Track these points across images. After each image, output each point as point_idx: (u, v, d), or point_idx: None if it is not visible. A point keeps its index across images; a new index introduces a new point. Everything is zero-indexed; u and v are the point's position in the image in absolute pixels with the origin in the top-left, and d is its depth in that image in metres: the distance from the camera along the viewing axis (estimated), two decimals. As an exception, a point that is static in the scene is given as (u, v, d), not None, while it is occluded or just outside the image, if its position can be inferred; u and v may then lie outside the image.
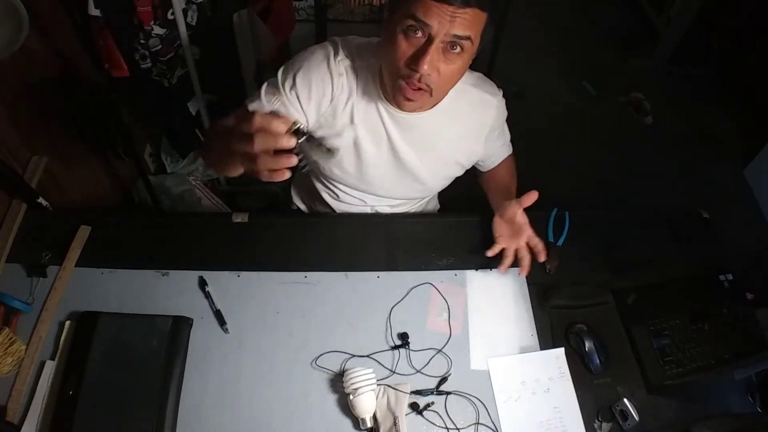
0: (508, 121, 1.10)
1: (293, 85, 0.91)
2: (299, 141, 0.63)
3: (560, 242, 1.14)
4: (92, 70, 1.53)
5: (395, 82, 0.84)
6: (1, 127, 1.15)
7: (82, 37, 1.47)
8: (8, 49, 1.07)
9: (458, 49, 0.79)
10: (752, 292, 1.08)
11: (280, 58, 2.07)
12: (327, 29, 2.17)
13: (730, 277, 1.09)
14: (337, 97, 0.94)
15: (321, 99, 0.93)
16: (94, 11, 1.35)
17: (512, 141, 1.17)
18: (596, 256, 1.13)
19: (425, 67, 0.77)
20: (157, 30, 1.48)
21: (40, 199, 1.14)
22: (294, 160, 0.62)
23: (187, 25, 1.53)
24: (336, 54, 0.94)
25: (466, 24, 0.75)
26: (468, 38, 0.77)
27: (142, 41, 1.48)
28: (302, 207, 1.31)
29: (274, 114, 0.62)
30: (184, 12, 1.50)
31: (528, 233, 1.02)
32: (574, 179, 2.34)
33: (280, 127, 0.60)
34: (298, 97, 0.91)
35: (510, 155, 1.19)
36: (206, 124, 1.84)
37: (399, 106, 0.91)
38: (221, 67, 1.73)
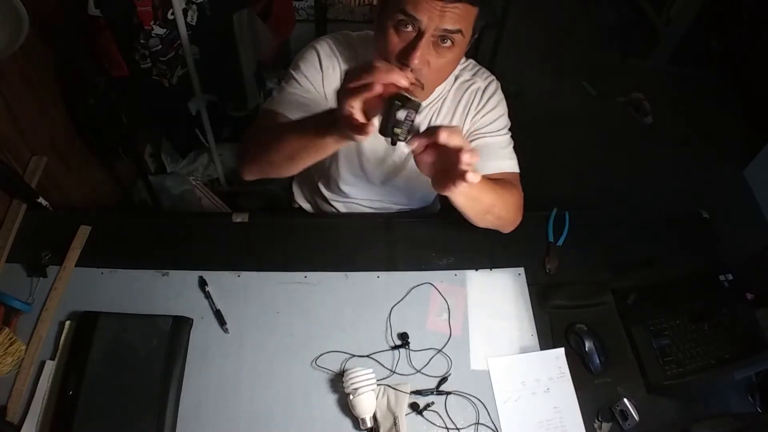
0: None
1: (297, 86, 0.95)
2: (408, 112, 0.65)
3: (560, 242, 1.14)
4: (92, 70, 1.53)
5: None
6: (1, 127, 1.15)
7: (82, 37, 1.47)
8: (8, 49, 1.07)
9: (449, 42, 0.78)
10: (752, 292, 1.08)
11: (280, 58, 2.07)
12: (327, 29, 2.17)
13: (730, 277, 1.09)
14: (332, 92, 0.96)
15: (318, 94, 0.96)
16: (94, 11, 1.35)
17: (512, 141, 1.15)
18: (596, 256, 1.13)
19: (416, 61, 0.77)
20: (157, 30, 1.48)
21: (40, 199, 1.14)
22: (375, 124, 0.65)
23: (187, 25, 1.53)
24: (332, 48, 0.96)
25: (456, 18, 0.75)
26: (459, 32, 0.77)
27: (142, 41, 1.48)
28: (305, 205, 1.31)
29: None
30: (184, 12, 1.50)
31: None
32: (574, 179, 2.34)
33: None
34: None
35: (515, 176, 1.02)
36: (206, 124, 1.84)
37: None
38: (221, 67, 1.74)
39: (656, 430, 0.92)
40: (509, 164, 1.01)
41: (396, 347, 0.97)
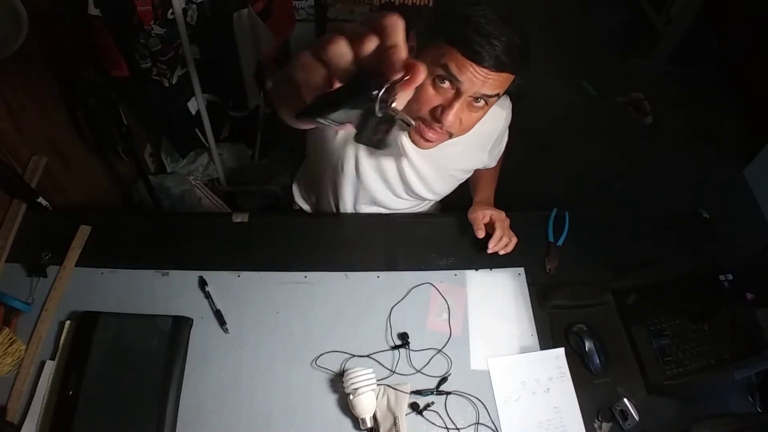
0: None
1: None
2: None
3: (560, 242, 1.14)
4: (92, 70, 1.52)
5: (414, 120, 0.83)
6: (1, 127, 1.15)
7: (82, 37, 1.47)
8: (8, 49, 1.07)
9: (482, 102, 0.79)
10: (752, 292, 1.08)
11: (280, 58, 2.07)
12: (327, 29, 2.17)
13: (730, 277, 1.09)
14: None
15: None
16: (94, 11, 1.35)
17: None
18: (596, 256, 1.13)
19: (450, 119, 0.77)
20: (157, 30, 1.48)
21: (40, 199, 1.14)
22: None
23: (187, 24, 1.53)
24: None
25: (497, 84, 0.76)
26: (496, 95, 0.78)
27: (142, 41, 1.48)
28: (304, 206, 1.31)
29: None
30: (184, 12, 1.50)
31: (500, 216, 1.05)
32: (574, 179, 2.34)
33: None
34: None
35: None
36: (206, 124, 1.84)
37: (414, 143, 0.89)
38: (221, 67, 1.73)
39: (656, 430, 0.92)
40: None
41: (396, 347, 0.97)
